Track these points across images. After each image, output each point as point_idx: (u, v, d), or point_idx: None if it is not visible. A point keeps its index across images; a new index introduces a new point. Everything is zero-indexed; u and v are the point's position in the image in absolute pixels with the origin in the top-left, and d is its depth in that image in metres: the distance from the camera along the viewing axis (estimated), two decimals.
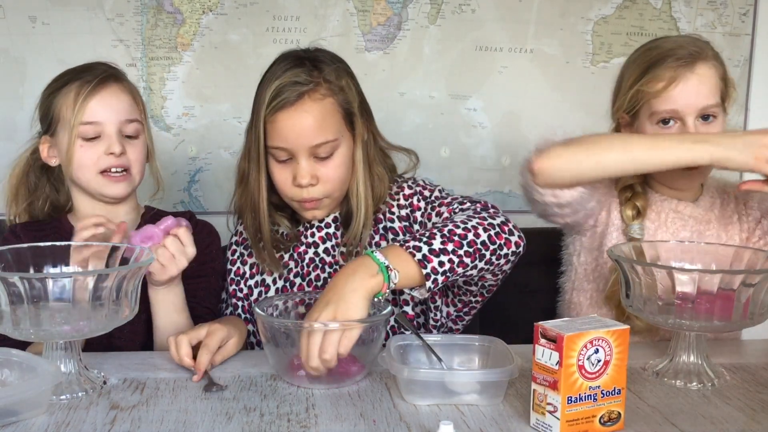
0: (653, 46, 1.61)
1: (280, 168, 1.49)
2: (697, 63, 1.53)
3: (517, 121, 2.38)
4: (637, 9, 2.36)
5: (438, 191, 1.56)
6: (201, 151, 2.29)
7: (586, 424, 1.11)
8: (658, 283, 1.31)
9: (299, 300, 1.43)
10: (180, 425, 1.13)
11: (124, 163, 1.55)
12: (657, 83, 1.53)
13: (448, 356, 1.32)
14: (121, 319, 1.26)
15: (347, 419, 1.16)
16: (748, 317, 1.30)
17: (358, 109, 1.50)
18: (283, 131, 1.45)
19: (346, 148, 1.50)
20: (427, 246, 1.31)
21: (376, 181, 1.54)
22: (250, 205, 1.53)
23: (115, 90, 1.56)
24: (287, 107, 1.44)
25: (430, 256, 1.30)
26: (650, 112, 1.55)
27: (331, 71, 1.48)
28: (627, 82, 1.60)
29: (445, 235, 1.33)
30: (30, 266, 1.32)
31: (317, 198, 1.49)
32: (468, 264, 1.33)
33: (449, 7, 2.30)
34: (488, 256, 1.35)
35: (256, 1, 2.23)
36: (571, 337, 1.07)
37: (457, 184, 2.38)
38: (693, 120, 1.53)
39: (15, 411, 1.12)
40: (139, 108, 1.59)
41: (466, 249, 1.33)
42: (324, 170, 1.48)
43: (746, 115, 2.46)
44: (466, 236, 1.34)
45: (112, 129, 1.54)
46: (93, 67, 1.58)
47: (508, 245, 1.38)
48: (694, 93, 1.53)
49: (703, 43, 1.58)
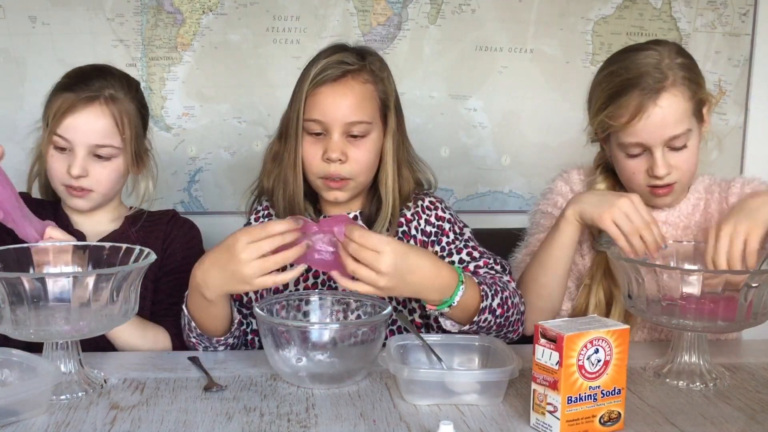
0: (619, 68, 1.52)
1: (311, 142, 1.51)
2: (660, 94, 1.47)
3: (517, 121, 2.38)
4: (637, 9, 2.36)
5: (469, 233, 1.60)
6: (201, 151, 2.29)
7: (586, 424, 1.11)
8: (662, 284, 1.31)
9: (299, 300, 1.42)
10: (180, 425, 1.13)
11: (83, 184, 1.55)
12: (620, 117, 1.49)
13: (448, 356, 1.32)
14: (121, 319, 1.26)
15: (347, 419, 1.16)
16: (751, 317, 1.30)
17: (393, 105, 1.55)
18: (323, 104, 1.49)
19: (378, 136, 1.53)
20: (490, 300, 1.38)
21: (404, 182, 1.57)
22: (283, 182, 1.54)
23: (95, 113, 1.54)
24: (330, 82, 1.49)
25: (487, 311, 1.37)
26: (618, 141, 1.53)
27: (375, 61, 1.55)
28: (594, 106, 1.57)
29: (502, 300, 1.40)
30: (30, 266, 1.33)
31: (343, 177, 1.50)
32: (491, 330, 1.41)
33: (449, 7, 2.30)
34: (501, 334, 1.43)
35: (256, 1, 2.24)
36: (571, 337, 1.07)
37: (457, 184, 2.38)
38: (660, 151, 1.49)
39: (15, 411, 1.12)
40: (120, 131, 1.56)
41: (501, 321, 1.41)
42: (354, 150, 1.50)
43: (746, 116, 2.46)
44: (508, 311, 1.41)
45: (81, 150, 1.54)
46: (90, 80, 1.56)
47: (515, 333, 1.47)
48: (660, 125, 1.48)
49: (670, 61, 1.49)
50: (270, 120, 2.27)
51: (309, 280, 1.57)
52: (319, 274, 1.57)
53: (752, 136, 2.48)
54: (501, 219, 2.36)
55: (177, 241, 1.65)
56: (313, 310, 1.42)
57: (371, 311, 1.38)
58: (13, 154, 1.68)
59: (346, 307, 1.41)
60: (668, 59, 1.50)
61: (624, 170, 1.56)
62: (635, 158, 1.53)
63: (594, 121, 1.57)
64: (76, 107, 1.53)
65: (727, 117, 2.45)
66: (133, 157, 1.60)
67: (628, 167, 1.54)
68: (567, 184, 1.67)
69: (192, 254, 1.62)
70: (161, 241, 1.63)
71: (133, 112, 1.60)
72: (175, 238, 1.66)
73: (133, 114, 1.60)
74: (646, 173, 1.52)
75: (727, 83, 2.44)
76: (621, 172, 1.58)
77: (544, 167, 1.73)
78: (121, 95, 1.58)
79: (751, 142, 2.48)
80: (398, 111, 1.57)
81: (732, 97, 2.45)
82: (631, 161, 1.54)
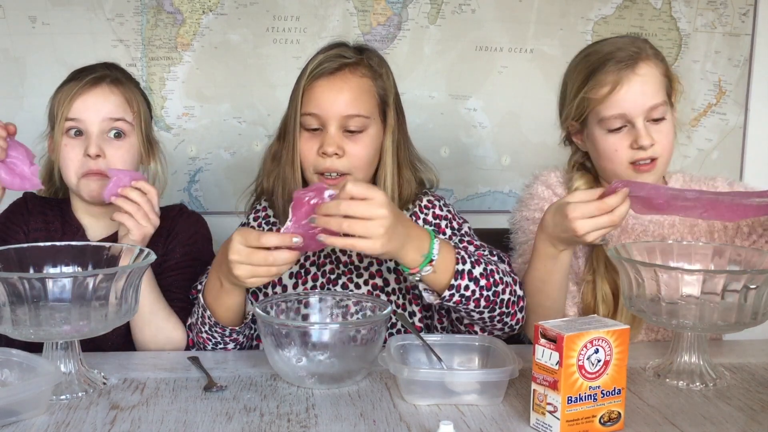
0: (592, 51, 1.59)
1: (308, 138, 1.51)
2: (638, 63, 1.52)
3: (517, 121, 2.38)
4: (637, 9, 2.36)
5: (467, 228, 1.58)
6: (201, 151, 2.29)
7: (586, 424, 1.11)
8: (662, 284, 1.31)
9: (299, 300, 1.42)
10: (180, 425, 1.13)
11: (100, 165, 1.55)
12: (601, 88, 1.52)
13: (448, 356, 1.32)
14: (121, 319, 1.26)
15: (347, 419, 1.16)
16: (751, 317, 1.30)
17: (392, 102, 1.54)
18: (319, 97, 1.48)
19: (376, 133, 1.52)
20: (469, 266, 1.34)
21: (405, 183, 1.56)
22: (282, 181, 1.54)
23: (104, 91, 1.57)
24: (326, 75, 1.49)
25: (465, 275, 1.33)
26: (598, 118, 1.54)
27: (373, 57, 1.54)
28: (571, 91, 1.58)
29: (485, 271, 1.36)
30: (30, 266, 1.33)
31: (340, 171, 1.49)
32: (480, 306, 1.36)
33: (449, 7, 2.30)
34: (496, 314, 1.39)
35: (256, 1, 2.24)
36: (571, 337, 1.07)
37: (457, 184, 2.38)
38: (642, 122, 1.51)
39: (14, 411, 1.12)
40: (132, 109, 1.59)
41: (489, 294, 1.36)
42: (351, 145, 1.49)
43: (746, 116, 2.46)
44: (496, 285, 1.37)
45: (94, 128, 1.55)
46: (94, 67, 1.60)
47: (513, 318, 1.42)
48: (640, 93, 1.51)
49: (642, 42, 1.57)
50: (270, 120, 2.27)
51: (308, 283, 1.57)
52: (318, 277, 1.56)
53: (752, 136, 2.47)
54: (501, 219, 2.35)
55: (179, 236, 1.65)
56: (313, 311, 1.42)
57: (371, 312, 1.38)
58: None
59: (345, 308, 1.41)
60: (640, 41, 1.58)
61: (605, 150, 1.55)
62: (617, 133, 1.53)
63: (571, 106, 1.57)
64: (84, 90, 1.55)
65: (727, 117, 2.45)
66: (144, 141, 1.62)
67: (610, 144, 1.54)
68: (548, 188, 1.64)
69: (195, 249, 1.63)
70: (163, 237, 1.62)
71: (139, 97, 1.63)
72: (178, 233, 1.65)
73: (140, 98, 1.63)
74: (629, 148, 1.52)
75: (727, 83, 2.44)
76: (601, 154, 1.56)
77: (543, 167, 1.74)
78: (125, 80, 1.61)
79: (751, 142, 2.48)
80: (398, 109, 1.56)
81: (732, 97, 2.45)
82: (612, 137, 1.53)
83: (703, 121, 2.44)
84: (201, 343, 1.46)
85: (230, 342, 1.45)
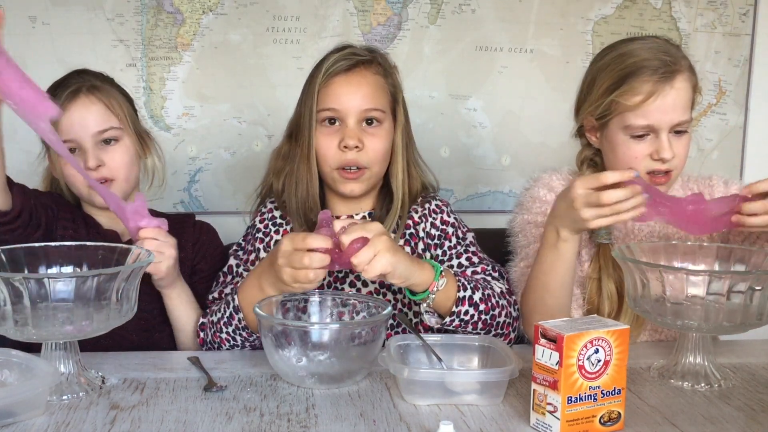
0: (626, 51, 1.54)
1: (326, 133, 1.52)
2: (675, 77, 1.49)
3: (517, 121, 2.38)
4: (637, 9, 2.36)
5: (471, 237, 1.60)
6: (201, 151, 2.29)
7: (586, 424, 1.11)
8: (667, 285, 1.31)
9: (299, 300, 1.42)
10: (180, 425, 1.13)
11: (104, 175, 1.57)
12: (634, 96, 1.49)
13: (448, 356, 1.32)
14: (121, 319, 1.26)
15: (347, 419, 1.16)
16: (756, 318, 1.30)
17: (401, 100, 1.58)
18: (337, 93, 1.51)
19: (390, 128, 1.56)
20: (470, 292, 1.39)
21: (413, 182, 1.59)
22: (296, 180, 1.55)
23: (84, 102, 1.57)
24: (342, 73, 1.52)
25: (466, 301, 1.38)
26: (624, 124, 1.52)
27: (383, 56, 1.59)
28: (599, 88, 1.55)
29: (483, 295, 1.41)
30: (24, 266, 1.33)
31: (360, 165, 1.51)
32: (477, 328, 1.42)
33: (449, 7, 2.30)
34: (491, 335, 1.43)
35: (256, 1, 2.24)
36: (571, 337, 1.07)
37: (457, 184, 2.38)
38: (666, 134, 1.50)
39: (12, 412, 1.12)
40: (115, 113, 1.59)
41: (487, 318, 1.41)
42: (370, 138, 1.52)
43: (746, 116, 2.46)
44: (494, 309, 1.42)
45: (86, 144, 1.56)
46: (67, 81, 1.60)
47: (506, 338, 1.46)
48: (671, 107, 1.49)
49: (675, 50, 1.54)
50: (270, 120, 2.27)
51: None
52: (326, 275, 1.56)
53: (752, 136, 2.48)
54: (501, 219, 2.35)
55: (206, 246, 1.70)
56: (313, 311, 1.42)
57: (371, 312, 1.38)
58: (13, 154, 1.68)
59: (345, 308, 1.41)
60: (674, 48, 1.54)
61: (625, 155, 1.53)
62: (640, 141, 1.51)
63: (598, 103, 1.54)
64: (64, 107, 1.54)
65: (727, 117, 2.45)
66: (137, 137, 1.64)
67: (631, 151, 1.52)
68: (550, 191, 1.62)
69: (221, 259, 1.68)
70: (191, 244, 1.67)
71: (118, 96, 1.63)
72: (204, 243, 1.70)
73: (119, 97, 1.63)
74: (648, 158, 1.51)
75: (727, 83, 2.44)
76: (620, 158, 1.54)
77: (543, 170, 1.73)
78: (99, 84, 1.62)
79: (751, 142, 2.48)
80: (405, 108, 1.60)
81: (732, 97, 2.45)
82: (635, 145, 1.52)
83: (703, 121, 2.44)
84: (217, 342, 1.47)
85: (249, 345, 1.46)
